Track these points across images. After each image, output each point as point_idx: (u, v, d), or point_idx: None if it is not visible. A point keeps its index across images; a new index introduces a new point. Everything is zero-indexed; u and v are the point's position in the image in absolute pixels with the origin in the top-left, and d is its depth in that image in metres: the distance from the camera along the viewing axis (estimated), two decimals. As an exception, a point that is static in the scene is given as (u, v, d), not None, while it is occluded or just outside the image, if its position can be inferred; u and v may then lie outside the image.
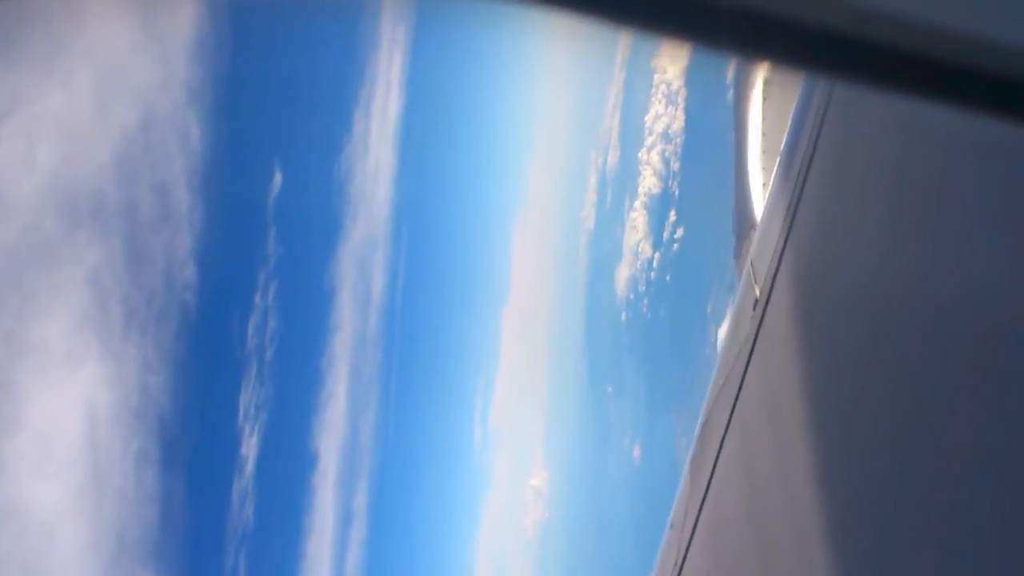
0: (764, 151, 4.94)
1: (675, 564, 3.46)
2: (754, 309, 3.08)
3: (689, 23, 0.81)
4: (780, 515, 2.61)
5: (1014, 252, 1.56)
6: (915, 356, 1.93)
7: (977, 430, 1.62)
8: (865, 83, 0.87)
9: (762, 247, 3.25)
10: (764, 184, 4.68)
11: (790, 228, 2.88)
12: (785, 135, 3.49)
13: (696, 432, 3.63)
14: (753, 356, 3.01)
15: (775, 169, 3.63)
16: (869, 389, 2.16)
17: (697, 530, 3.29)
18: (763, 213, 3.69)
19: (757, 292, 3.10)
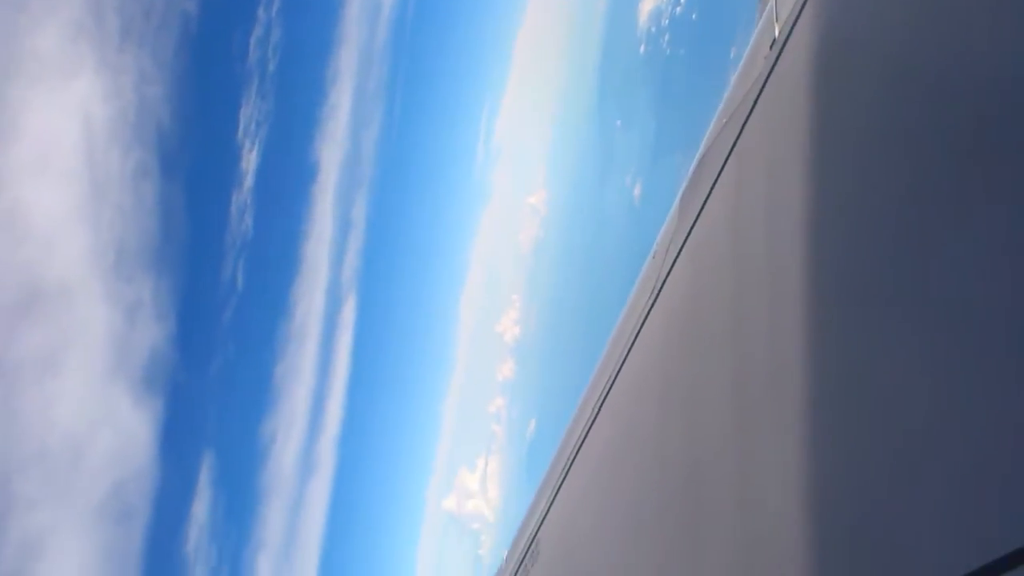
0: None
1: (652, 292, 3.59)
2: (770, 49, 2.98)
3: None
4: (760, 254, 2.68)
5: None
6: (926, 130, 1.89)
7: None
8: None
9: None
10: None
11: None
12: None
13: (692, 167, 3.63)
14: (761, 98, 2.95)
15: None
16: (872, 147, 2.14)
17: (677, 263, 3.38)
18: None
19: (776, 31, 2.98)
